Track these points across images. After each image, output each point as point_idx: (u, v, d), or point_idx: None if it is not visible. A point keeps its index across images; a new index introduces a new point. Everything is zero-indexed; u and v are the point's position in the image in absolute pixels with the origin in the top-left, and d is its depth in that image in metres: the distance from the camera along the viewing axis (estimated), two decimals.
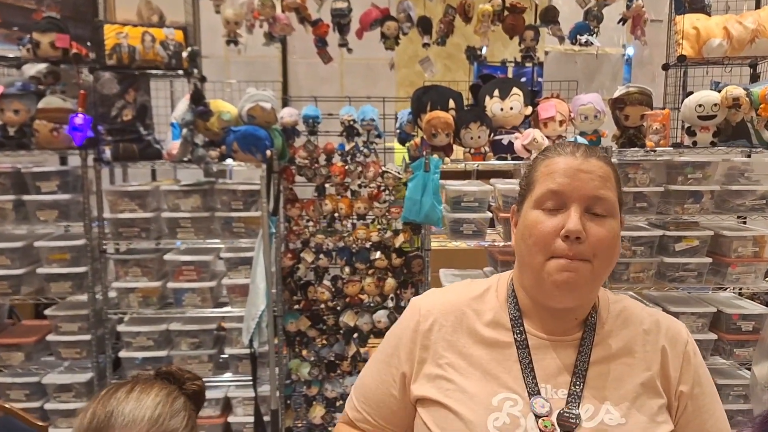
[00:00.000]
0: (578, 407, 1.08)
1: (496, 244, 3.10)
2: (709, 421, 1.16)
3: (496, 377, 1.12)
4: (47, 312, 2.93)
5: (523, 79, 3.19)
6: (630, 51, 4.72)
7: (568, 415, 1.07)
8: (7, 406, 1.94)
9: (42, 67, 2.76)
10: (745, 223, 3.12)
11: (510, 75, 3.31)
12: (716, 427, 1.18)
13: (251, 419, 2.92)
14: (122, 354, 2.94)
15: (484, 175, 3.70)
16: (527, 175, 1.17)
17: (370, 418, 1.24)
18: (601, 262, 1.07)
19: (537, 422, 1.06)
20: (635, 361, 1.14)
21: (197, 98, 2.65)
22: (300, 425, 3.11)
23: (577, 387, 1.10)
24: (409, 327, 1.21)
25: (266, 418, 2.91)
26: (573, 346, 1.14)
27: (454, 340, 1.17)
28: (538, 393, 1.10)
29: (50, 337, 2.92)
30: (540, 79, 3.06)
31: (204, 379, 1.30)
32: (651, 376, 1.13)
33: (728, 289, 3.00)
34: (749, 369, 2.84)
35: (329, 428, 3.06)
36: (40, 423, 1.91)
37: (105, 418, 1.10)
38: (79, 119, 2.61)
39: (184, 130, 2.68)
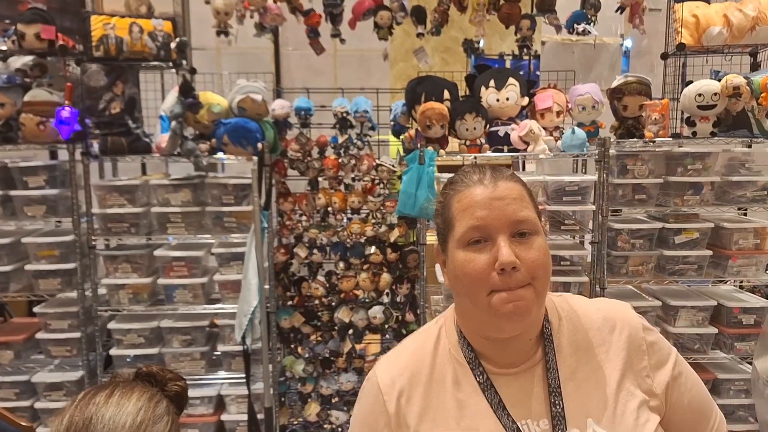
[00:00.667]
0: (565, 428, 1.06)
1: None
2: (695, 390, 1.18)
3: (475, 427, 1.08)
4: (36, 309, 2.89)
5: (521, 72, 3.14)
6: (628, 43, 4.67)
7: None
8: None
9: (28, 59, 2.71)
10: (745, 214, 3.07)
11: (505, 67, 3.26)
12: (702, 394, 1.21)
13: (245, 417, 2.88)
14: (113, 352, 2.90)
15: None
16: (441, 213, 1.13)
17: None
18: (540, 281, 1.05)
19: None
20: (600, 367, 1.12)
21: (186, 90, 2.60)
22: (295, 423, 3.07)
23: (557, 407, 1.07)
24: (376, 410, 1.14)
25: (260, 416, 2.87)
26: (539, 368, 1.11)
27: (424, 407, 1.12)
28: (518, 429, 1.06)
29: (40, 335, 2.87)
30: (537, 72, 3.00)
31: (196, 377, 1.25)
32: (620, 377, 1.11)
33: (729, 282, 2.95)
34: (750, 363, 2.80)
35: (324, 425, 3.02)
36: (24, 423, 1.86)
37: (83, 426, 1.03)
38: (66, 112, 2.56)
39: (173, 123, 2.62)
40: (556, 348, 1.12)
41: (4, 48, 2.73)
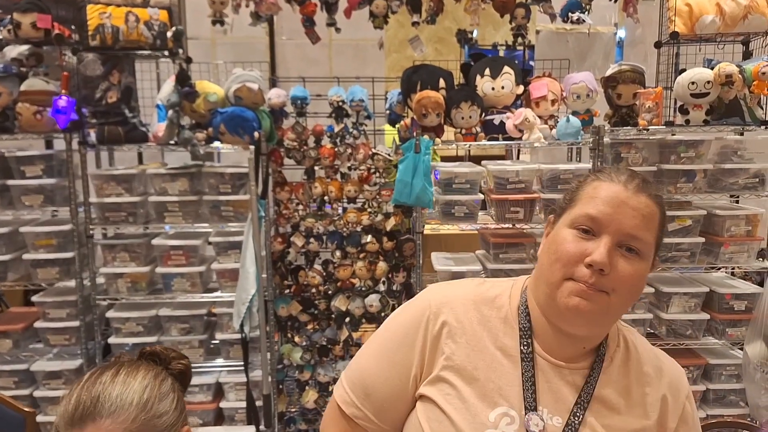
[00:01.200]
0: None
1: (488, 226, 3.07)
2: None
3: (498, 389, 1.09)
4: (35, 298, 2.90)
5: (515, 62, 3.16)
6: (622, 32, 4.68)
7: None
8: None
9: (24, 48, 2.70)
10: (737, 202, 3.10)
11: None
12: None
13: (243, 404, 2.91)
14: (112, 340, 2.91)
15: (475, 160, 3.67)
16: (573, 190, 1.13)
17: (373, 417, 1.16)
18: (619, 297, 1.04)
19: None
20: (633, 408, 1.11)
21: (183, 79, 2.61)
22: (293, 410, 3.10)
23: (576, 418, 1.07)
24: (419, 325, 1.15)
25: (258, 403, 2.89)
26: (579, 375, 1.11)
27: (461, 343, 1.13)
28: (535, 410, 1.07)
29: (38, 324, 2.89)
30: (531, 62, 3.02)
31: (195, 365, 1.27)
32: (648, 424, 1.11)
33: (721, 269, 2.99)
34: (742, 348, 2.84)
35: (322, 412, 3.05)
36: (27, 409, 1.87)
37: (91, 404, 1.06)
38: (62, 102, 2.56)
39: (170, 112, 2.63)
40: (603, 368, 1.12)
41: (0, 37, 2.72)
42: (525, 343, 1.12)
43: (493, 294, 1.18)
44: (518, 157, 3.63)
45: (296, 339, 3.04)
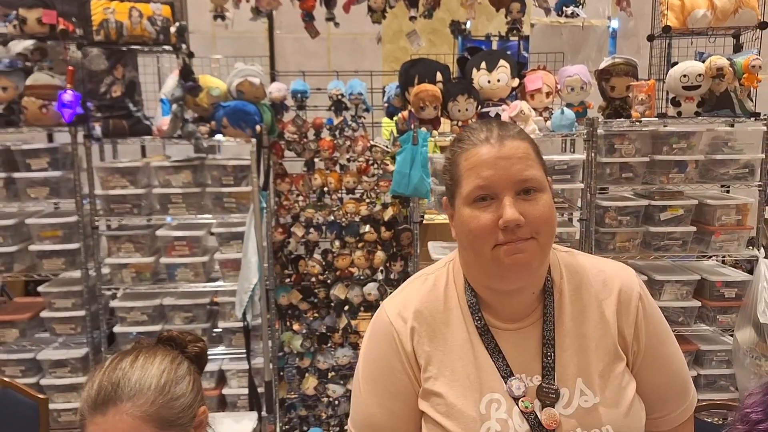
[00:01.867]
0: (554, 380, 1.10)
1: None
2: (667, 368, 1.20)
3: (477, 379, 1.12)
4: (41, 289, 2.95)
5: (509, 53, 3.21)
6: (615, 24, 4.74)
7: (547, 389, 1.09)
8: (6, 379, 1.97)
9: (29, 43, 2.75)
10: (728, 191, 3.17)
11: (495, 49, 3.32)
12: (674, 370, 1.21)
13: (245, 391, 2.97)
14: (117, 329, 2.97)
15: None
16: (449, 170, 1.15)
17: None
18: (544, 235, 1.08)
19: (517, 404, 1.08)
20: (594, 329, 1.15)
21: (186, 74, 2.66)
22: (293, 396, 3.17)
23: (548, 358, 1.11)
24: (392, 347, 1.17)
25: (260, 390, 2.96)
26: (538, 324, 1.15)
27: (432, 348, 1.15)
28: (511, 374, 1.11)
29: (44, 314, 2.94)
30: (525, 54, 3.07)
31: None
32: (611, 341, 1.14)
33: (712, 257, 3.06)
34: (732, 335, 2.91)
35: (322, 398, 3.12)
36: (40, 396, 1.94)
37: (112, 389, 1.13)
38: (68, 96, 2.61)
39: (174, 106, 2.69)
40: (555, 303, 1.16)
41: (5, 32, 2.77)
42: (477, 317, 1.15)
43: (442, 284, 1.21)
44: None
45: (296, 327, 3.10)
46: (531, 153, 1.11)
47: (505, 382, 1.11)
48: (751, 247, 2.97)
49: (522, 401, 1.09)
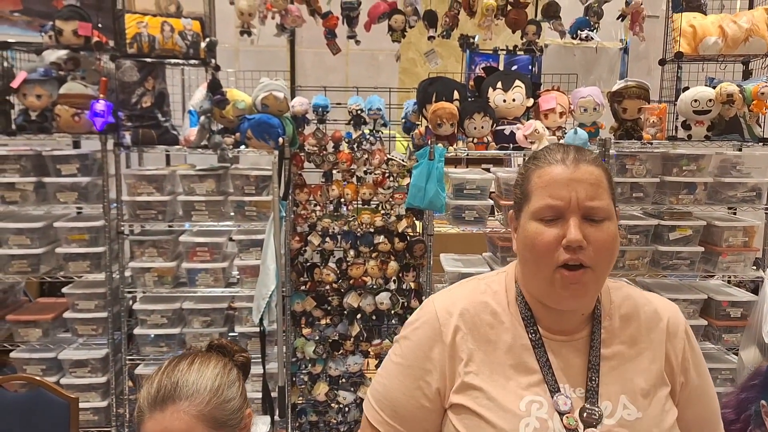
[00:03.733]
0: (597, 403, 1.13)
1: (497, 230, 3.21)
2: (708, 404, 1.25)
3: (519, 381, 1.15)
4: (65, 290, 3.04)
5: (515, 67, 3.29)
6: (627, 47, 4.82)
7: (590, 411, 1.12)
8: (38, 378, 2.05)
9: (62, 53, 2.86)
10: (735, 213, 3.23)
11: (502, 63, 3.40)
12: (713, 407, 1.26)
13: (259, 395, 3.04)
14: (136, 331, 3.06)
15: (473, 162, 3.82)
16: (521, 185, 1.19)
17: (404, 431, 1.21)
18: (602, 266, 1.12)
19: (561, 419, 1.11)
20: (642, 353, 1.19)
21: (215, 87, 2.76)
22: (304, 402, 3.23)
23: (593, 382, 1.14)
24: (433, 338, 1.19)
25: (273, 394, 3.03)
26: (583, 344, 1.18)
27: (475, 347, 1.18)
28: (559, 391, 1.14)
29: (67, 314, 3.03)
30: (536, 71, 3.15)
31: None
32: (658, 367, 1.18)
33: (718, 277, 3.12)
34: (737, 354, 2.97)
35: (332, 405, 3.18)
36: (71, 395, 2.01)
37: (171, 388, 1.23)
38: (100, 105, 2.72)
39: (202, 118, 2.79)
40: (604, 329, 1.20)
41: (41, 42, 2.88)
42: (532, 330, 1.18)
43: (493, 290, 1.24)
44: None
45: (308, 333, 3.17)
46: (603, 181, 1.14)
47: (552, 396, 1.13)
48: (756, 268, 3.03)
49: (567, 417, 1.11)
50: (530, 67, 3.29)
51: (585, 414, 1.12)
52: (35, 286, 3.99)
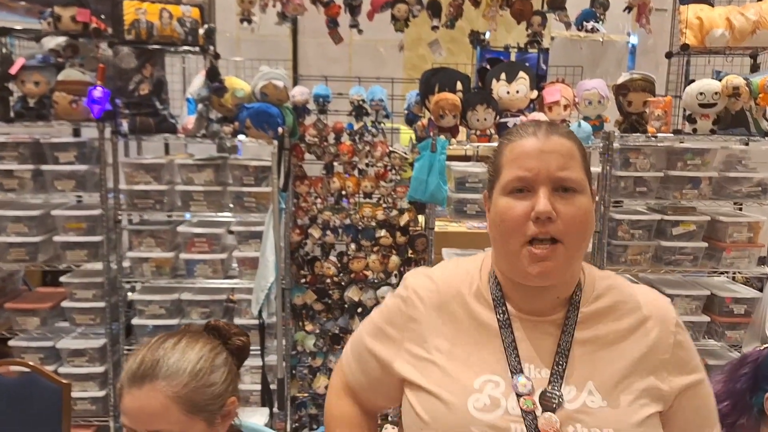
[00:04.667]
0: (561, 387, 1.09)
1: None
2: (703, 401, 1.18)
3: (481, 360, 1.13)
4: (63, 279, 3.02)
5: (527, 64, 3.25)
6: (634, 39, 4.78)
7: (550, 395, 1.08)
8: (31, 363, 2.04)
9: (61, 40, 2.83)
10: (740, 209, 3.20)
11: (513, 60, 3.37)
12: (708, 405, 1.19)
13: (258, 387, 3.02)
14: (134, 321, 3.04)
15: (483, 160, 3.78)
16: (494, 161, 1.17)
17: (368, 388, 1.26)
18: (573, 240, 1.08)
19: (518, 401, 1.08)
20: (619, 343, 1.13)
21: (213, 75, 2.73)
22: (304, 395, 3.22)
23: (559, 366, 1.11)
24: (401, 309, 1.22)
25: (273, 387, 3.01)
26: (556, 326, 1.14)
27: (440, 323, 1.18)
28: (521, 371, 1.11)
29: (65, 304, 3.01)
30: (544, 66, 3.11)
31: None
32: (636, 359, 1.12)
33: (722, 273, 3.08)
34: (739, 351, 2.94)
35: None
36: (63, 381, 2.00)
37: (150, 366, 1.20)
38: (97, 92, 2.69)
39: (200, 106, 2.76)
40: (581, 313, 1.15)
41: (40, 29, 2.85)
42: (500, 311, 1.16)
43: (464, 270, 1.23)
44: None
45: (309, 328, 3.15)
46: (576, 153, 1.11)
47: (512, 376, 1.10)
48: (761, 265, 3.00)
49: (524, 399, 1.08)
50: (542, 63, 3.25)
51: (544, 397, 1.08)
52: (37, 276, 3.97)
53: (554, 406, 1.07)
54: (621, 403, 1.08)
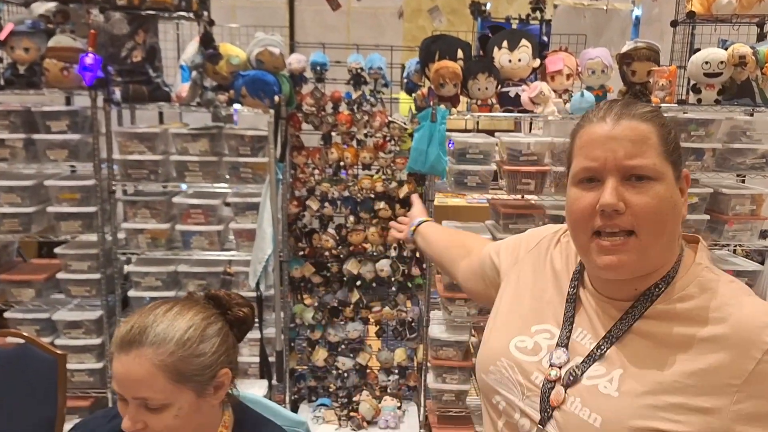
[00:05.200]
0: (589, 368, 1.05)
1: (498, 197, 3.14)
2: None
3: (547, 312, 1.16)
4: (57, 250, 2.99)
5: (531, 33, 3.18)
6: (638, 10, 4.69)
7: (574, 373, 1.05)
8: (26, 334, 2.01)
9: (51, 5, 2.76)
10: (743, 181, 3.16)
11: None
12: None
13: (256, 359, 3.01)
14: (131, 293, 3.01)
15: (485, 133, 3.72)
16: (568, 149, 1.11)
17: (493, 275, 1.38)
18: (647, 231, 1.00)
19: (548, 367, 1.08)
20: (679, 352, 0.99)
21: (207, 41, 2.66)
22: (303, 367, 3.21)
23: (600, 350, 1.05)
24: (520, 243, 1.33)
25: (271, 359, 3.00)
26: (619, 312, 1.07)
27: (530, 269, 1.26)
28: (566, 345, 1.09)
29: (60, 275, 2.98)
30: (544, 38, 3.04)
31: None
32: (688, 373, 0.97)
33: (724, 247, 3.05)
34: None
35: (331, 371, 3.16)
36: (59, 351, 1.97)
37: (139, 333, 1.17)
38: (89, 59, 2.62)
39: (194, 73, 2.69)
40: (649, 311, 1.04)
41: None
42: (573, 285, 1.15)
43: (566, 239, 1.26)
44: (530, 131, 3.68)
45: (307, 300, 3.13)
46: (651, 137, 1.02)
47: (556, 347, 1.10)
48: (763, 238, 2.97)
49: (553, 369, 1.07)
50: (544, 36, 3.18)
51: (570, 372, 1.06)
52: (33, 247, 3.94)
53: (571, 382, 1.05)
54: (635, 403, 0.98)
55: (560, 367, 1.07)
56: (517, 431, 1.10)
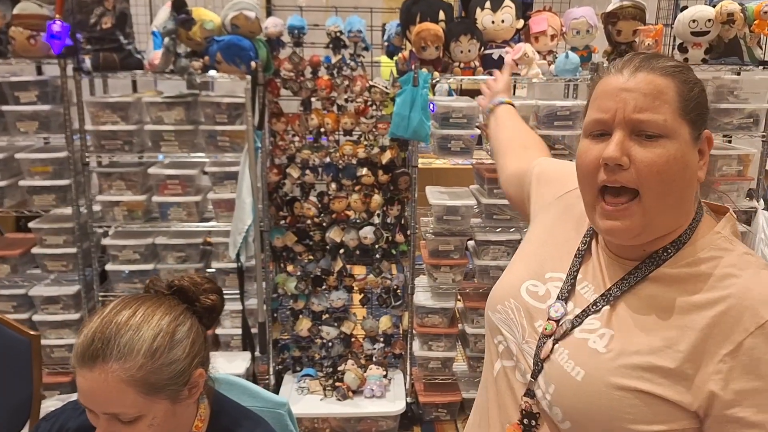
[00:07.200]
0: (584, 321, 1.04)
1: (483, 161, 3.09)
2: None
3: (565, 260, 1.14)
4: (32, 225, 2.92)
5: None
6: None
7: (567, 327, 1.05)
8: None
9: None
10: (730, 142, 3.12)
11: None
12: None
13: (239, 331, 2.98)
14: (109, 267, 2.95)
15: (468, 94, 3.65)
16: (588, 98, 1.07)
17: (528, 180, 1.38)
18: (651, 191, 0.96)
19: (545, 319, 1.08)
20: (675, 316, 0.96)
21: (179, 6, 2.56)
22: (287, 338, 3.18)
23: (596, 306, 1.04)
24: (562, 178, 1.29)
25: (254, 331, 2.97)
26: (624, 270, 1.05)
27: (554, 218, 1.24)
28: (567, 299, 1.08)
29: (35, 250, 2.92)
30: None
31: None
32: (668, 346, 0.95)
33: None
34: None
35: (315, 340, 3.13)
36: (32, 332, 1.91)
37: (102, 347, 1.07)
38: (56, 26, 2.52)
39: (166, 40, 2.59)
40: (654, 273, 1.01)
41: None
42: (584, 241, 1.14)
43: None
44: (514, 93, 3.61)
45: (290, 269, 3.09)
46: (666, 92, 0.96)
47: (556, 300, 1.09)
48: (750, 199, 2.94)
49: (548, 322, 1.07)
50: None
51: (562, 326, 1.06)
52: (11, 221, 3.86)
53: (563, 335, 1.05)
54: (618, 360, 0.96)
55: (557, 321, 1.06)
56: (509, 380, 1.11)
